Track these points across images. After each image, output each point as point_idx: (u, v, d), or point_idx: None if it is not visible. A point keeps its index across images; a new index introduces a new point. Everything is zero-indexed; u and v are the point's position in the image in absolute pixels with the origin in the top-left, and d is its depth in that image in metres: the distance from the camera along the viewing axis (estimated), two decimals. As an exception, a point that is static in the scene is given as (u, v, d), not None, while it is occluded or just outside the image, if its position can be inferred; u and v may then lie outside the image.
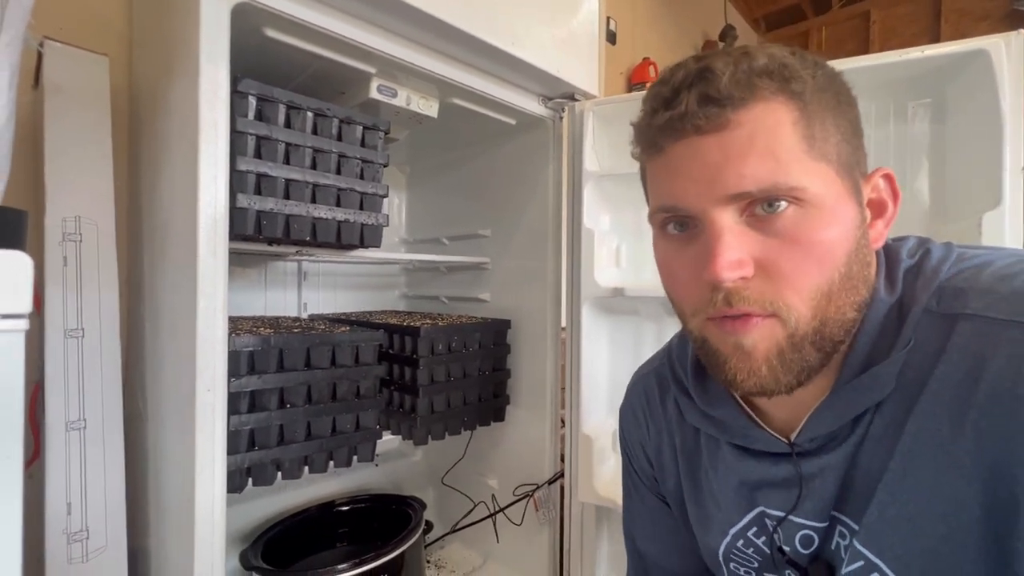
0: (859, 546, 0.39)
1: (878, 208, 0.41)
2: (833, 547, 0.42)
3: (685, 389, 0.51)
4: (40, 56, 0.84)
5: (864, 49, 3.20)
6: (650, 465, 0.59)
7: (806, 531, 0.44)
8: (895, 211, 0.41)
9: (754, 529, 0.47)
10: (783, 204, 0.36)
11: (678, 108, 0.37)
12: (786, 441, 0.43)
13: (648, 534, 0.62)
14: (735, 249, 0.36)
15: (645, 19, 2.59)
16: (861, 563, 0.39)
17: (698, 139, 0.37)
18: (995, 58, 0.67)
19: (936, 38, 2.94)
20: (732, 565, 0.50)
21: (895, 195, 0.41)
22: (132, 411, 0.87)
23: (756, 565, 0.48)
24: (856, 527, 0.40)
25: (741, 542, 0.48)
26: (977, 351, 0.35)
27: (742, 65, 0.36)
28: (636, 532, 0.63)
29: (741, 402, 0.47)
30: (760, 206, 0.37)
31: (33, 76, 0.89)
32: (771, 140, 0.36)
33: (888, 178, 0.41)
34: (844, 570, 0.40)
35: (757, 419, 0.46)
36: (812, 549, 0.44)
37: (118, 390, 0.82)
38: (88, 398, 0.79)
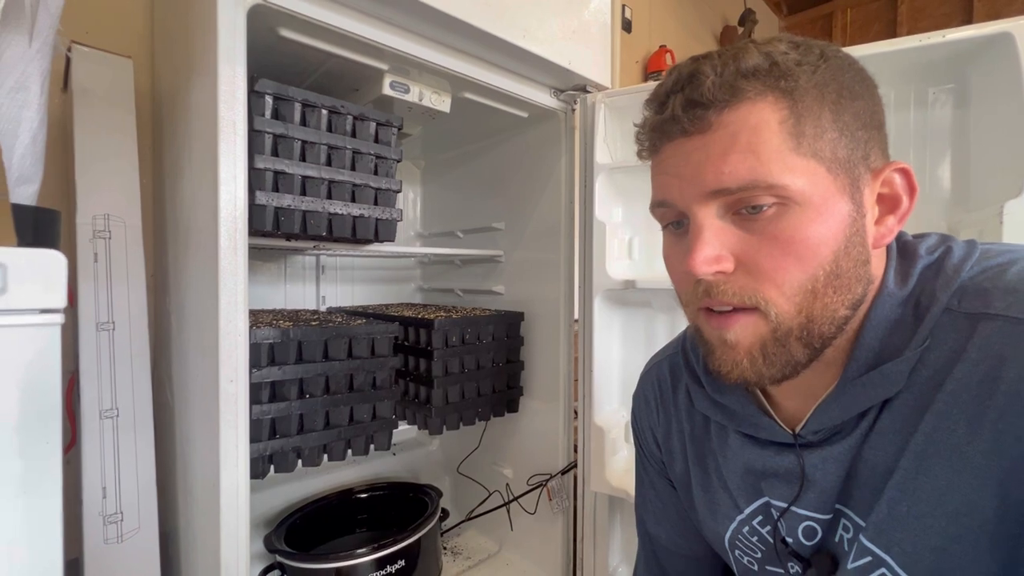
0: (866, 542, 0.39)
1: (890, 203, 0.40)
2: (837, 540, 0.42)
3: (696, 376, 0.52)
4: (68, 60, 0.88)
5: (891, 31, 3.08)
6: (659, 449, 0.60)
7: (809, 523, 0.44)
8: (910, 206, 0.40)
9: (759, 518, 0.48)
10: (766, 205, 0.37)
11: (667, 112, 0.39)
12: (790, 432, 0.44)
13: (658, 517, 0.63)
14: (712, 245, 0.38)
15: (662, 6, 2.54)
16: (868, 559, 0.39)
17: (685, 140, 0.39)
18: (1019, 41, 0.65)
19: (968, 18, 2.82)
20: (737, 552, 0.51)
21: (911, 190, 0.40)
22: (161, 400, 0.91)
23: (759, 555, 0.49)
24: (862, 522, 0.40)
25: (746, 529, 0.49)
26: (998, 352, 0.34)
27: (729, 67, 0.37)
28: (647, 515, 0.65)
29: (754, 389, 0.47)
30: (744, 208, 0.38)
31: (62, 79, 0.92)
32: (754, 139, 0.37)
33: (904, 172, 0.40)
34: (850, 565, 0.40)
35: (767, 407, 0.46)
36: (815, 541, 0.44)
37: (147, 380, 0.86)
38: (120, 388, 0.83)
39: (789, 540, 0.46)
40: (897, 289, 0.40)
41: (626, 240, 1.06)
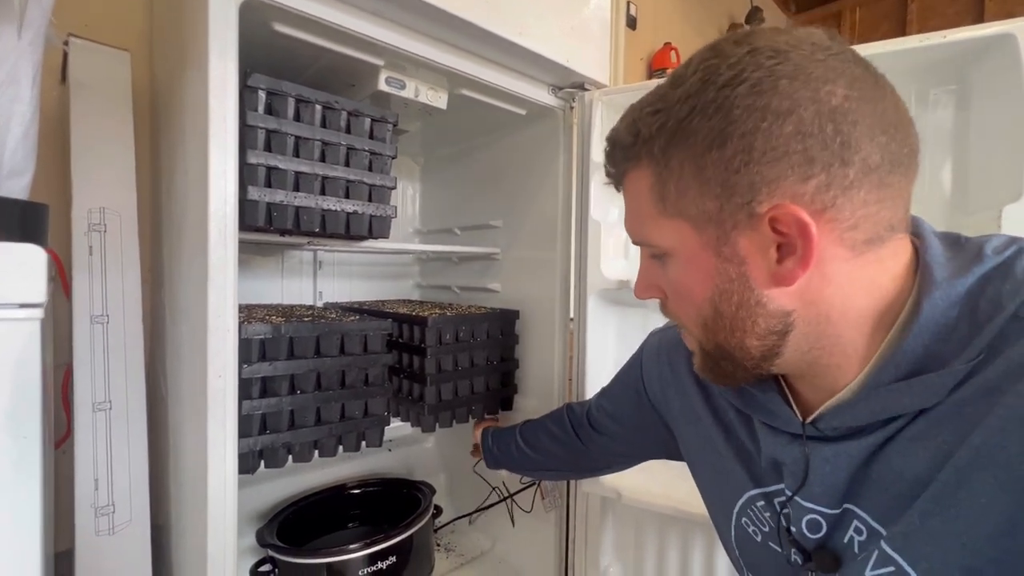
0: (890, 551, 0.37)
1: (787, 249, 0.37)
2: (846, 540, 0.41)
3: None
4: (65, 53, 0.88)
5: (901, 30, 3.04)
6: (652, 397, 0.67)
7: (814, 516, 0.43)
8: (808, 246, 0.36)
9: (781, 498, 0.47)
10: (659, 254, 0.44)
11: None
12: (801, 421, 0.43)
13: (609, 413, 0.76)
14: (643, 278, 0.48)
15: (667, 3, 2.52)
16: (891, 568, 0.37)
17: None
18: (1022, 42, 0.64)
19: (979, 17, 2.78)
20: (744, 520, 0.51)
21: (803, 230, 0.36)
22: (155, 393, 0.91)
23: (767, 530, 0.49)
24: (882, 529, 0.38)
25: (762, 503, 0.49)
26: None
27: (620, 139, 0.43)
28: (602, 401, 0.78)
29: (779, 378, 0.47)
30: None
31: (60, 72, 0.92)
32: (635, 204, 0.44)
33: (791, 216, 0.36)
34: (869, 573, 0.39)
35: (788, 396, 0.46)
36: (820, 535, 0.43)
37: (141, 373, 0.86)
38: (113, 381, 0.83)
39: (793, 529, 0.45)
40: (951, 290, 0.37)
41: (622, 240, 1.05)
